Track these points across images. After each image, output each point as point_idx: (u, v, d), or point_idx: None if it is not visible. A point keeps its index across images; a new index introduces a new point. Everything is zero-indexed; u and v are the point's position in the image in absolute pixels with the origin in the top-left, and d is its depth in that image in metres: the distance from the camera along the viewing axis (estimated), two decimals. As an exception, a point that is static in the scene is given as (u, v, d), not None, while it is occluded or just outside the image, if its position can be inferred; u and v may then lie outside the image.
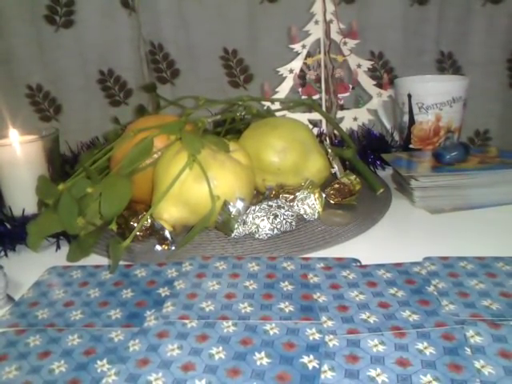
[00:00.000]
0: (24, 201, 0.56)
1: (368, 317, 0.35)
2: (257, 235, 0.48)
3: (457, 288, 0.38)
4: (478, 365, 0.30)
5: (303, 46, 0.72)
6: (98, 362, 0.32)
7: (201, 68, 0.92)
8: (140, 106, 0.73)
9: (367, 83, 0.75)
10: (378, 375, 0.29)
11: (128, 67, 0.92)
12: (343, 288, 0.39)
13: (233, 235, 0.48)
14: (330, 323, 0.34)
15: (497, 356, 0.30)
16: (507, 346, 0.31)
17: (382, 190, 0.59)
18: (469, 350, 0.31)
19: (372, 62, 0.76)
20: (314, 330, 0.34)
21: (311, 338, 0.33)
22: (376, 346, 0.32)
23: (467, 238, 0.48)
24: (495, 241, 0.47)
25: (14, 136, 0.60)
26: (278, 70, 0.73)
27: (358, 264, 0.43)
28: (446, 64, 0.92)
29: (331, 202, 0.56)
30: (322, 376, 0.30)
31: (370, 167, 0.69)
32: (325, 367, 0.30)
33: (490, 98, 0.92)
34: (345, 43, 0.73)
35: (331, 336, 0.33)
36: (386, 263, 0.42)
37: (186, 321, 0.36)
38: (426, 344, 0.32)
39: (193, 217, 0.48)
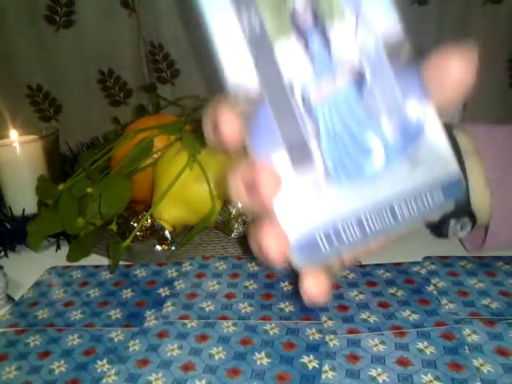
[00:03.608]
0: (24, 201, 0.56)
1: (368, 316, 0.35)
2: (257, 235, 0.48)
3: (456, 287, 0.38)
4: (476, 363, 0.30)
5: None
6: (98, 362, 0.32)
7: (201, 68, 0.92)
8: (140, 106, 0.73)
9: (367, 83, 0.75)
10: (378, 375, 0.30)
11: (128, 67, 0.91)
12: (343, 288, 0.39)
13: (233, 235, 0.48)
14: (330, 323, 0.34)
15: (494, 354, 0.31)
16: (503, 344, 0.31)
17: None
18: (468, 348, 0.31)
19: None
20: (314, 330, 0.34)
21: (311, 337, 0.33)
22: (376, 345, 0.32)
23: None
24: (497, 251, 0.46)
25: (14, 136, 0.60)
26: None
27: (358, 264, 0.43)
28: (446, 64, 0.91)
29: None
30: (323, 376, 0.30)
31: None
32: (326, 367, 0.30)
33: (490, 98, 0.92)
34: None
35: (331, 336, 0.33)
36: (386, 263, 0.42)
37: (186, 321, 0.36)
38: (426, 343, 0.32)
39: (193, 217, 0.48)
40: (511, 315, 0.34)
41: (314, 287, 0.21)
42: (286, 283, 0.40)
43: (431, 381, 0.29)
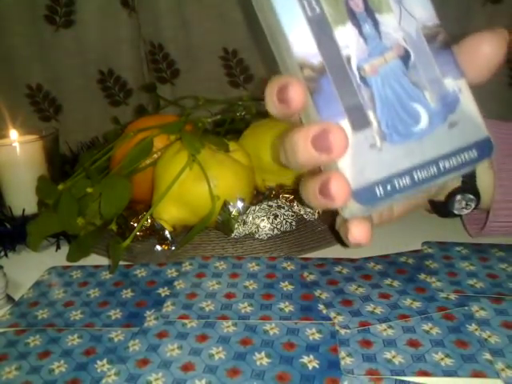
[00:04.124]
0: (24, 201, 0.56)
1: (374, 308, 0.36)
2: (257, 235, 0.48)
3: (447, 268, 0.40)
4: (484, 335, 0.32)
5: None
6: (98, 362, 0.32)
7: (201, 68, 0.92)
8: (140, 106, 0.73)
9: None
10: (393, 357, 0.31)
11: (128, 67, 0.91)
12: (341, 283, 0.39)
13: (233, 235, 0.48)
14: (340, 318, 0.35)
15: (501, 327, 0.33)
16: (509, 318, 0.34)
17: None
18: (470, 326, 0.33)
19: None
20: (314, 330, 0.34)
21: (311, 338, 0.33)
22: (385, 330, 0.33)
23: (467, 236, 0.48)
24: (495, 240, 0.47)
25: (14, 136, 0.60)
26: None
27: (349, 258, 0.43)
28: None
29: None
30: (342, 362, 0.31)
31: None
32: (342, 354, 0.31)
33: (489, 98, 0.92)
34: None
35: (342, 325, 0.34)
36: (374, 256, 0.44)
37: (186, 321, 0.36)
38: (430, 325, 0.34)
39: (193, 217, 0.48)
40: (492, 293, 0.37)
41: (361, 232, 0.26)
42: (286, 283, 0.40)
43: (442, 358, 0.31)
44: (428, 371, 0.30)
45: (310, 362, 0.31)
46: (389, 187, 0.24)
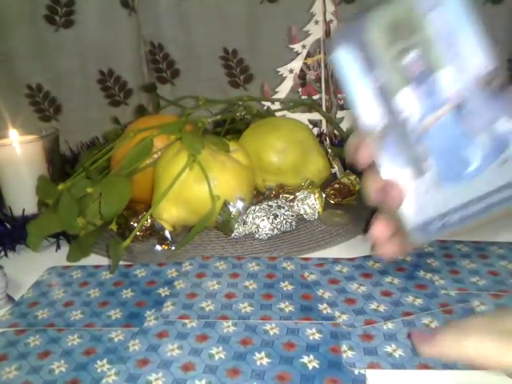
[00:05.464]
0: (24, 201, 0.56)
1: (377, 306, 0.36)
2: (257, 235, 0.48)
3: (449, 267, 0.41)
4: None
5: (303, 46, 0.72)
6: (98, 362, 0.32)
7: (201, 68, 0.92)
8: (140, 106, 0.73)
9: (367, 83, 0.75)
10: (394, 351, 0.31)
11: (128, 67, 0.91)
12: (342, 282, 0.40)
13: (233, 235, 0.48)
14: (344, 317, 0.35)
15: None
16: None
17: (381, 190, 0.59)
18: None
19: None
20: (314, 330, 0.34)
21: (311, 337, 0.33)
22: (385, 323, 0.34)
23: (467, 236, 0.48)
24: (493, 237, 0.47)
25: (14, 136, 0.60)
26: (278, 70, 0.73)
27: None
28: (446, 64, 0.91)
29: (331, 201, 0.55)
30: (344, 355, 0.31)
31: (369, 167, 0.68)
32: (344, 347, 0.32)
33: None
34: (345, 43, 0.72)
35: (345, 320, 0.35)
36: (371, 254, 0.44)
37: (186, 321, 0.36)
38: (430, 319, 0.34)
39: (193, 217, 0.48)
40: (495, 290, 0.37)
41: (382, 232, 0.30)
42: (286, 283, 0.40)
43: None
44: (428, 364, 0.30)
45: (310, 361, 0.31)
46: (444, 221, 0.27)
